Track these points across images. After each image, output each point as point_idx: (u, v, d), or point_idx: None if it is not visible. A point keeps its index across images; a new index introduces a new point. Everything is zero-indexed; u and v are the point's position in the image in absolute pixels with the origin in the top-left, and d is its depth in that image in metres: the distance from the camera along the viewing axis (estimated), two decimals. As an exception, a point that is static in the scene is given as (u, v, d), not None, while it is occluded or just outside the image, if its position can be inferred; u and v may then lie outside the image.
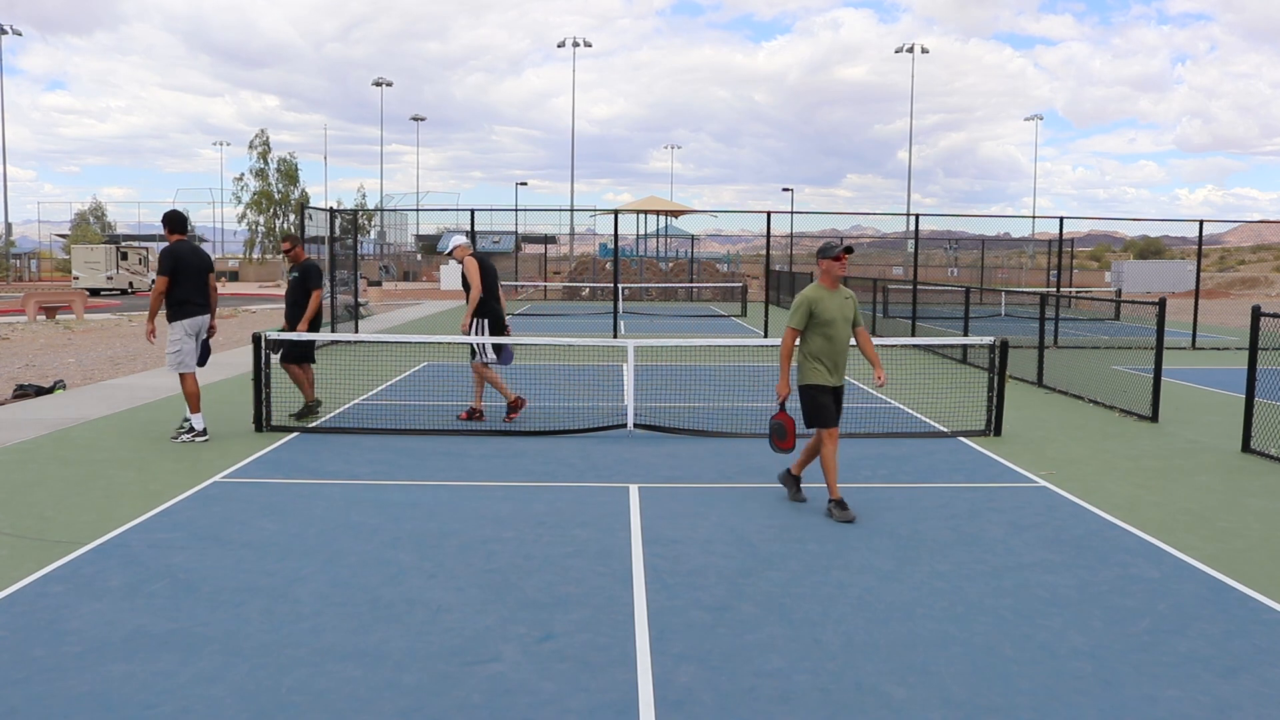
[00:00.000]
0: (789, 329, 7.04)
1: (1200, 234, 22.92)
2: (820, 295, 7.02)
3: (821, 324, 6.97)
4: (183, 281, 9.23)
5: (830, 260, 7.02)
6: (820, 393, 7.03)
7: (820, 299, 7.00)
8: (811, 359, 7.03)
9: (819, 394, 7.03)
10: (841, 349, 7.06)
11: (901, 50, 72.29)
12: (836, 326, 6.99)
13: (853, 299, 7.18)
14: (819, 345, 7.00)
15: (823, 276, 7.09)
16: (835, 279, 7.07)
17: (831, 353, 7.01)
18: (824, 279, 7.08)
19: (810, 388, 7.05)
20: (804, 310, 6.98)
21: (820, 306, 6.98)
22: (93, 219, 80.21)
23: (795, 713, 4.06)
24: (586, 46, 69.24)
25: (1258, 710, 4.11)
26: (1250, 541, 6.55)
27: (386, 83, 76.98)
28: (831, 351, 7.01)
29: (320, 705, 4.07)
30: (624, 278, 40.78)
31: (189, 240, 9.54)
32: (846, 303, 7.10)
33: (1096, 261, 77.09)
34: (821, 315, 6.96)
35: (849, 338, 7.14)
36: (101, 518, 6.77)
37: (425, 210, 78.35)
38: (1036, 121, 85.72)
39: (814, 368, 7.02)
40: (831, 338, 6.99)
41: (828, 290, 7.05)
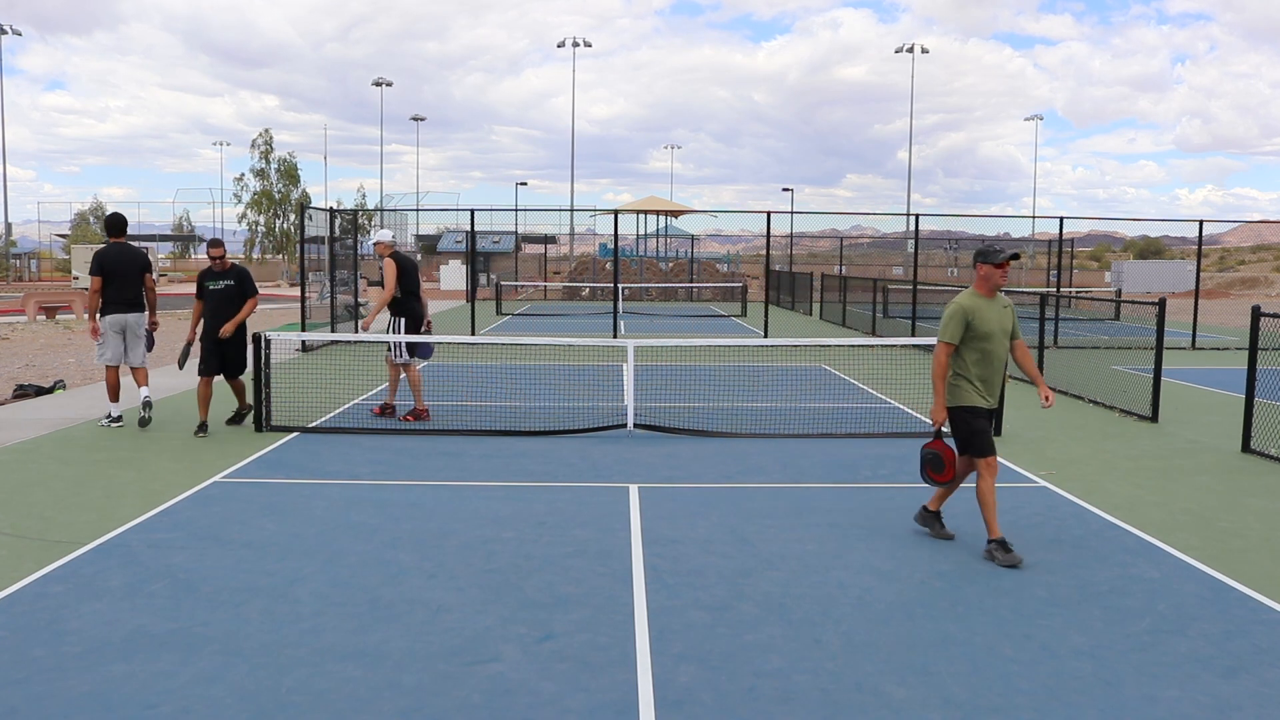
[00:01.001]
0: (942, 344, 6.19)
1: (1200, 234, 22.91)
2: (977, 305, 6.18)
3: (978, 337, 6.14)
4: (110, 282, 9.88)
5: (991, 266, 6.14)
6: (976, 416, 6.21)
7: (977, 309, 6.15)
8: (965, 377, 6.20)
9: (974, 417, 6.20)
10: (999, 366, 6.25)
11: (901, 50, 72.27)
12: (995, 340, 6.17)
13: (1011, 308, 6.36)
14: (974, 361, 6.17)
15: (979, 283, 6.23)
16: (995, 287, 6.21)
17: (988, 370, 6.20)
18: (980, 285, 6.23)
19: (963, 410, 6.21)
20: (959, 321, 6.14)
21: (978, 317, 6.13)
22: (93, 219, 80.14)
23: (795, 713, 4.06)
24: (586, 46, 69.23)
25: (1258, 710, 4.11)
26: (1250, 541, 6.55)
27: (386, 83, 76.98)
28: (988, 369, 6.20)
29: (320, 705, 4.07)
30: (624, 278, 40.79)
31: (123, 243, 10.14)
32: (1005, 313, 6.27)
33: (1096, 261, 77.06)
34: (979, 327, 6.12)
35: (1007, 352, 6.33)
36: (101, 518, 6.77)
37: (425, 210, 78.35)
38: (1036, 121, 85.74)
39: (968, 387, 6.19)
40: (989, 353, 6.17)
41: (985, 299, 6.21)
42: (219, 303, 10.13)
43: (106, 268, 9.78)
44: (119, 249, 9.99)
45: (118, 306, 9.90)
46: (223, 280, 10.13)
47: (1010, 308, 6.35)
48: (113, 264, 9.82)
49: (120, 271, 9.85)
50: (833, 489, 7.93)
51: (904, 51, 72.07)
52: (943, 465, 6.41)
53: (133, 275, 9.95)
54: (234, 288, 10.12)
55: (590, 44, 76.42)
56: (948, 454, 6.39)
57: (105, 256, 9.84)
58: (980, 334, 6.14)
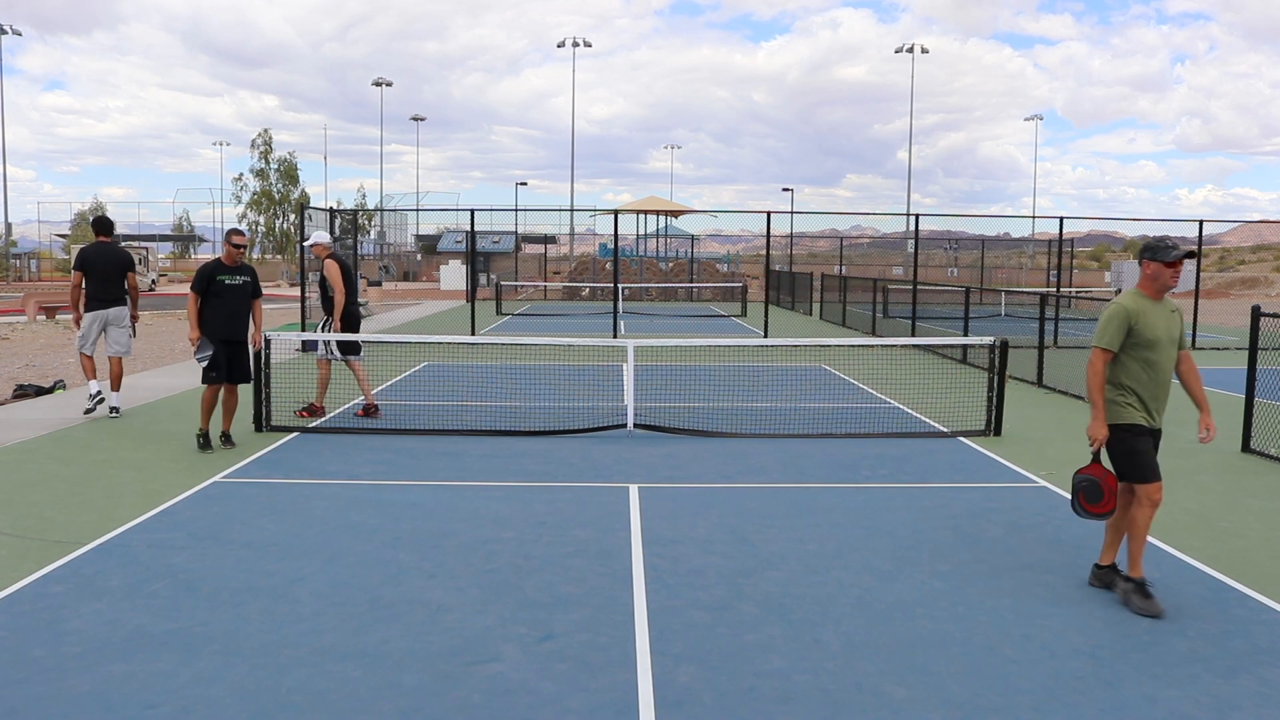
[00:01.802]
0: (1099, 350, 5.38)
1: (1200, 234, 22.92)
2: (1142, 307, 5.36)
3: (1142, 345, 5.33)
4: (91, 279, 10.45)
5: (1160, 265, 5.34)
6: (1137, 436, 5.37)
7: (1142, 311, 5.34)
8: (1124, 391, 5.40)
9: (1135, 438, 5.37)
10: (1165, 378, 5.43)
11: (901, 50, 72.27)
12: (1161, 349, 5.35)
13: (1180, 314, 5.54)
14: (1136, 373, 5.37)
15: (1145, 282, 5.43)
16: (1163, 288, 5.40)
17: (1153, 383, 5.38)
18: (1146, 285, 5.42)
19: (1123, 429, 5.38)
20: (1120, 325, 5.32)
21: (1143, 321, 5.32)
22: (93, 219, 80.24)
23: (795, 713, 4.06)
24: (586, 46, 69.23)
25: (1258, 710, 4.11)
26: (1250, 541, 6.55)
27: (386, 83, 76.98)
28: (1153, 382, 5.38)
29: (320, 705, 4.07)
30: (624, 278, 40.79)
31: (107, 242, 10.66)
32: (1174, 318, 5.47)
33: (1096, 261, 77.07)
34: (1144, 333, 5.31)
35: (1174, 364, 5.51)
36: (101, 518, 6.77)
37: (425, 210, 78.35)
38: (1036, 121, 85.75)
39: (1127, 403, 5.39)
40: (1154, 364, 5.35)
41: (1151, 300, 5.40)
42: (236, 300, 9.19)
43: (87, 264, 10.39)
44: (101, 247, 10.52)
45: (98, 303, 10.45)
46: (239, 276, 9.22)
47: (1179, 312, 5.54)
48: (93, 261, 10.40)
49: (101, 268, 10.40)
50: (833, 489, 7.93)
51: (904, 51, 72.09)
52: (1100, 494, 5.45)
53: (113, 273, 10.48)
54: (250, 285, 9.31)
55: (590, 44, 76.40)
56: (1109, 480, 5.44)
57: (86, 254, 10.48)
58: (1145, 341, 5.32)
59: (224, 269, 9.13)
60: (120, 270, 10.55)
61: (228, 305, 9.12)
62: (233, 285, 9.14)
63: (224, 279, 9.10)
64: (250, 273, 9.36)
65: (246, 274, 9.28)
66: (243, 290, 9.22)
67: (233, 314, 9.16)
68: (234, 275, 9.17)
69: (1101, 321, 5.40)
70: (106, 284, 10.44)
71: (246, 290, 9.26)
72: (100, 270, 10.41)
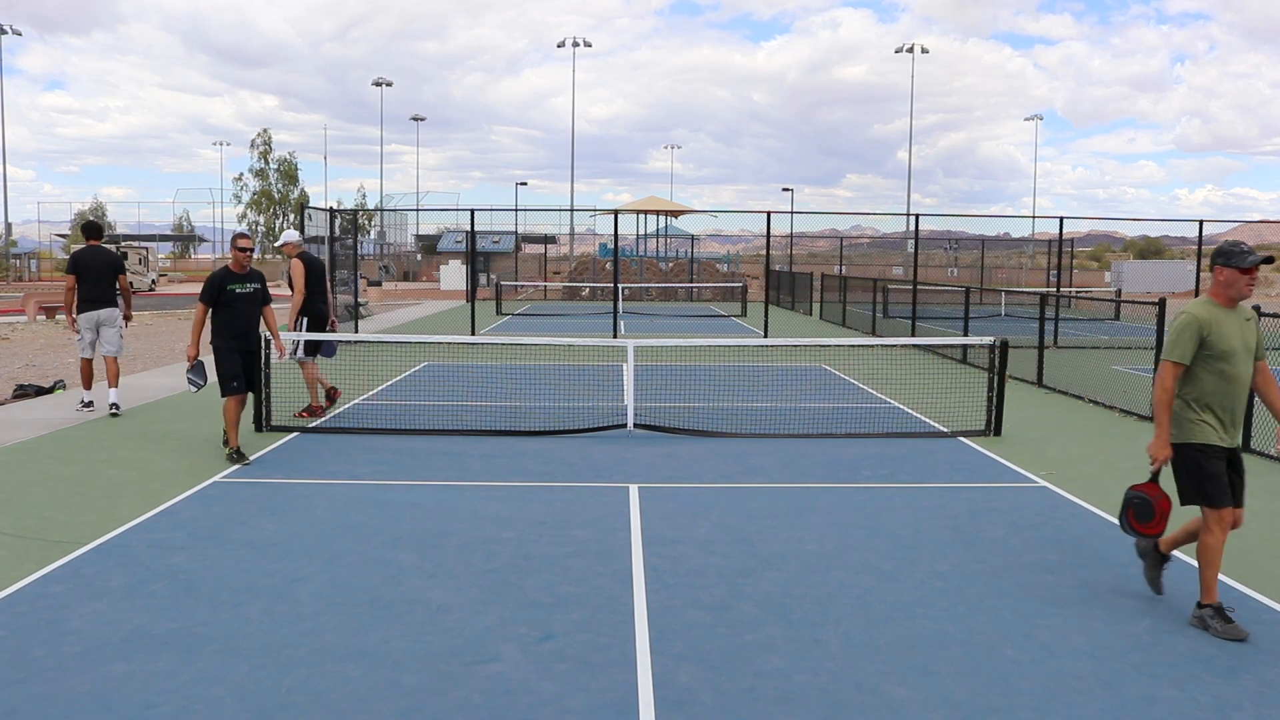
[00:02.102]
0: (1169, 364, 5.06)
1: (1200, 234, 22.93)
2: (1215, 316, 5.04)
3: (1216, 356, 5.01)
4: (84, 281, 10.70)
5: (1235, 271, 5.02)
6: (1209, 456, 5.08)
7: (1215, 321, 5.03)
8: (1197, 407, 5.08)
9: (1207, 457, 5.08)
10: (1241, 392, 5.11)
11: (901, 50, 72.25)
12: (1236, 360, 5.03)
13: (1255, 322, 5.22)
14: (1210, 386, 5.05)
15: (1217, 289, 5.12)
16: (1238, 296, 5.08)
17: (1227, 397, 5.07)
18: (1218, 293, 5.11)
19: (1193, 448, 5.08)
20: (1192, 336, 5.01)
21: (1216, 332, 5.00)
22: (93, 219, 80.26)
23: (795, 713, 4.06)
24: (586, 46, 69.21)
25: (1258, 710, 4.12)
26: (1250, 541, 6.55)
27: (386, 83, 76.97)
28: (1228, 395, 5.07)
29: (320, 705, 4.07)
30: (624, 278, 40.79)
31: (98, 246, 11.01)
32: (1249, 326, 5.14)
33: (1096, 261, 77.09)
34: (1217, 344, 5.00)
35: (1250, 376, 5.17)
36: (101, 518, 6.77)
37: (425, 210, 78.37)
38: (1036, 121, 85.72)
39: (1199, 420, 5.07)
40: (1229, 376, 5.04)
41: (1224, 309, 5.08)
42: (248, 309, 8.91)
43: (80, 268, 10.71)
44: (93, 251, 10.87)
45: (90, 304, 10.76)
46: (249, 283, 8.85)
47: (1255, 321, 5.21)
48: (86, 265, 10.72)
49: (94, 271, 10.72)
50: (833, 489, 7.93)
51: (904, 51, 72.07)
52: (1152, 514, 5.25)
53: (105, 275, 10.80)
54: (260, 291, 8.98)
55: (590, 44, 76.36)
56: (1163, 502, 5.25)
57: (80, 259, 10.82)
58: (1218, 352, 5.00)
59: (233, 277, 8.76)
60: (112, 272, 10.87)
61: (240, 315, 8.81)
62: (243, 294, 8.79)
63: (234, 288, 8.74)
64: (260, 279, 8.99)
65: (256, 280, 8.90)
66: (253, 298, 8.88)
67: (246, 323, 8.87)
68: (244, 283, 8.81)
69: (1172, 333, 5.09)
70: (99, 286, 10.75)
71: (257, 298, 8.92)
72: (93, 273, 10.72)
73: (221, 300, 8.69)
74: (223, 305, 8.70)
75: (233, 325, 8.73)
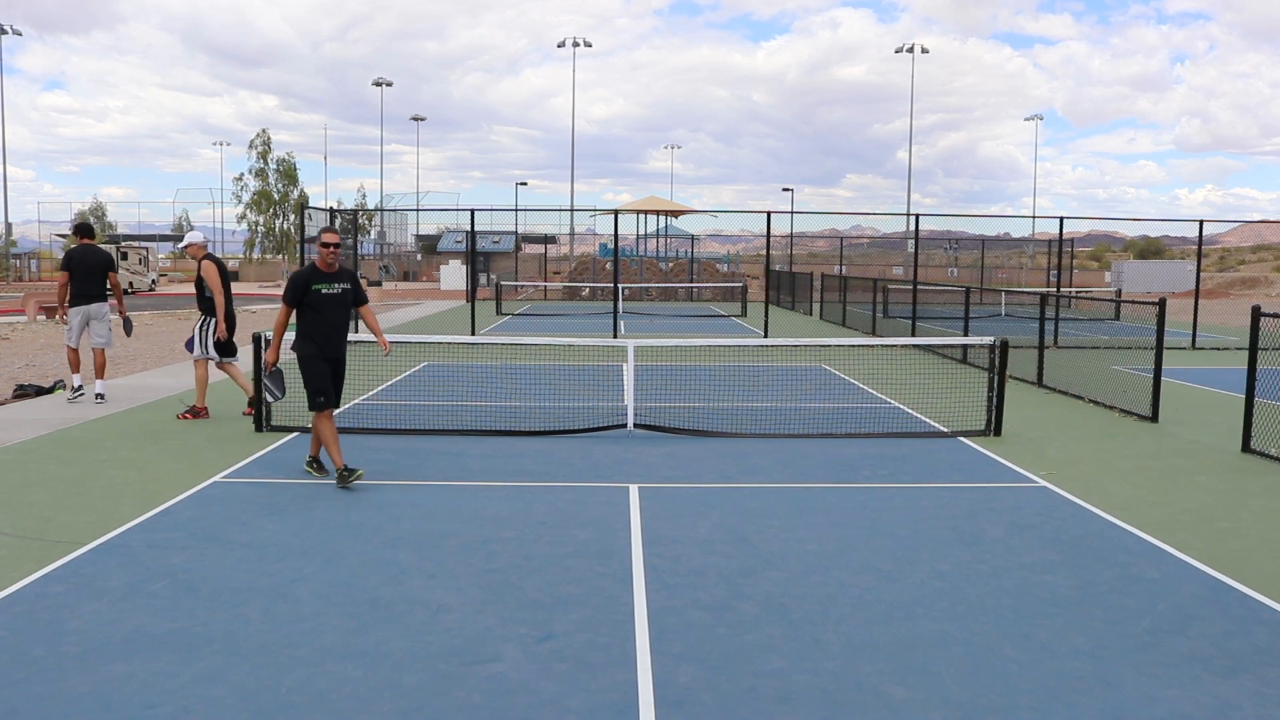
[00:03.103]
0: None
1: (1200, 234, 22.92)
2: None
3: None
4: (76, 277, 11.23)
5: None
6: None
7: None
8: None
9: None
10: None
11: (901, 50, 72.23)
12: None
13: None
14: None
15: None
16: None
17: None
18: None
19: None
20: None
21: None
22: (93, 219, 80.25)
23: (795, 713, 4.06)
24: (586, 46, 69.19)
25: (1258, 710, 4.11)
26: (1250, 541, 6.55)
27: (386, 83, 76.96)
28: None
29: (320, 705, 4.07)
30: (624, 278, 40.79)
31: (90, 244, 11.53)
32: None
33: (1096, 261, 77.10)
34: None
35: None
36: (101, 518, 6.77)
37: (425, 210, 78.38)
38: (1036, 121, 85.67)
39: None
40: None
41: None
42: (336, 312, 7.88)
43: (73, 265, 11.27)
44: (85, 249, 11.40)
45: (82, 299, 11.28)
46: (337, 283, 7.85)
47: None
48: (79, 262, 11.26)
49: (85, 268, 11.25)
50: (833, 489, 7.93)
51: (904, 51, 72.05)
52: None
53: (96, 272, 11.35)
54: (350, 293, 7.99)
55: (590, 44, 76.32)
56: None
57: (73, 256, 11.37)
58: None
59: (320, 276, 7.77)
60: (102, 269, 11.41)
61: (328, 319, 7.81)
62: (330, 295, 7.81)
63: (321, 288, 7.76)
64: (350, 278, 8.02)
65: (345, 280, 7.92)
66: (342, 300, 7.89)
67: (335, 328, 7.87)
68: (332, 283, 7.82)
69: None
70: (90, 282, 11.27)
71: (346, 300, 7.93)
72: (85, 269, 11.24)
73: (306, 302, 7.76)
74: (308, 308, 7.77)
75: (319, 330, 7.78)
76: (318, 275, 7.79)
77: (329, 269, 7.82)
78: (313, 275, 7.79)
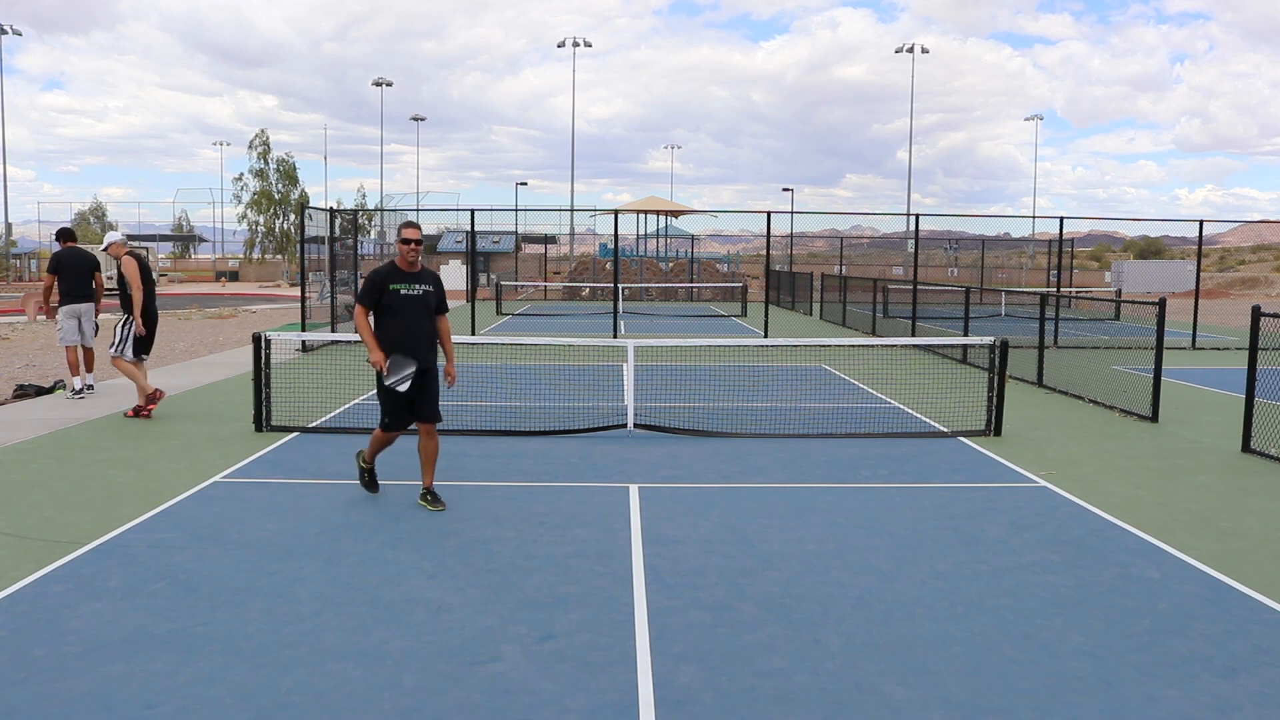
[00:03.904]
0: None
1: (1200, 234, 22.92)
2: None
3: None
4: (64, 278, 11.74)
5: None
6: None
7: None
8: None
9: None
10: None
11: (901, 50, 72.24)
12: None
13: None
14: None
15: None
16: None
17: None
18: None
19: None
20: None
21: None
22: (93, 219, 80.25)
23: (795, 713, 4.06)
24: (586, 46, 69.19)
25: (1258, 710, 4.11)
26: (1250, 541, 6.55)
27: (386, 83, 76.97)
28: None
29: (320, 705, 4.07)
30: (624, 278, 40.80)
31: (74, 247, 12.00)
32: None
33: (1096, 261, 77.11)
34: None
35: None
36: (101, 518, 6.77)
37: (425, 210, 78.33)
38: (1036, 121, 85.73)
39: None
40: None
41: None
42: (416, 316, 7.11)
43: (61, 268, 11.78)
44: (72, 252, 11.93)
45: (71, 298, 11.74)
46: (418, 284, 7.11)
47: None
48: (66, 264, 11.80)
49: (72, 270, 11.77)
50: (833, 489, 7.93)
51: (904, 51, 72.06)
52: None
53: (83, 274, 11.84)
54: (432, 296, 7.21)
55: (590, 44, 76.29)
56: None
57: (60, 258, 11.86)
58: None
59: (399, 275, 7.08)
60: (89, 271, 11.90)
61: (407, 323, 7.05)
62: (410, 296, 7.06)
63: (400, 289, 7.05)
64: (432, 280, 7.24)
65: (428, 281, 7.17)
66: (423, 302, 7.12)
67: (414, 333, 7.07)
68: (412, 284, 7.08)
69: None
70: (77, 282, 11.77)
71: (429, 303, 7.16)
72: (72, 271, 11.75)
73: (384, 304, 7.05)
74: (385, 311, 7.06)
75: (396, 336, 7.03)
76: (397, 274, 7.06)
77: (410, 268, 7.09)
78: (391, 274, 7.06)
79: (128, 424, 10.36)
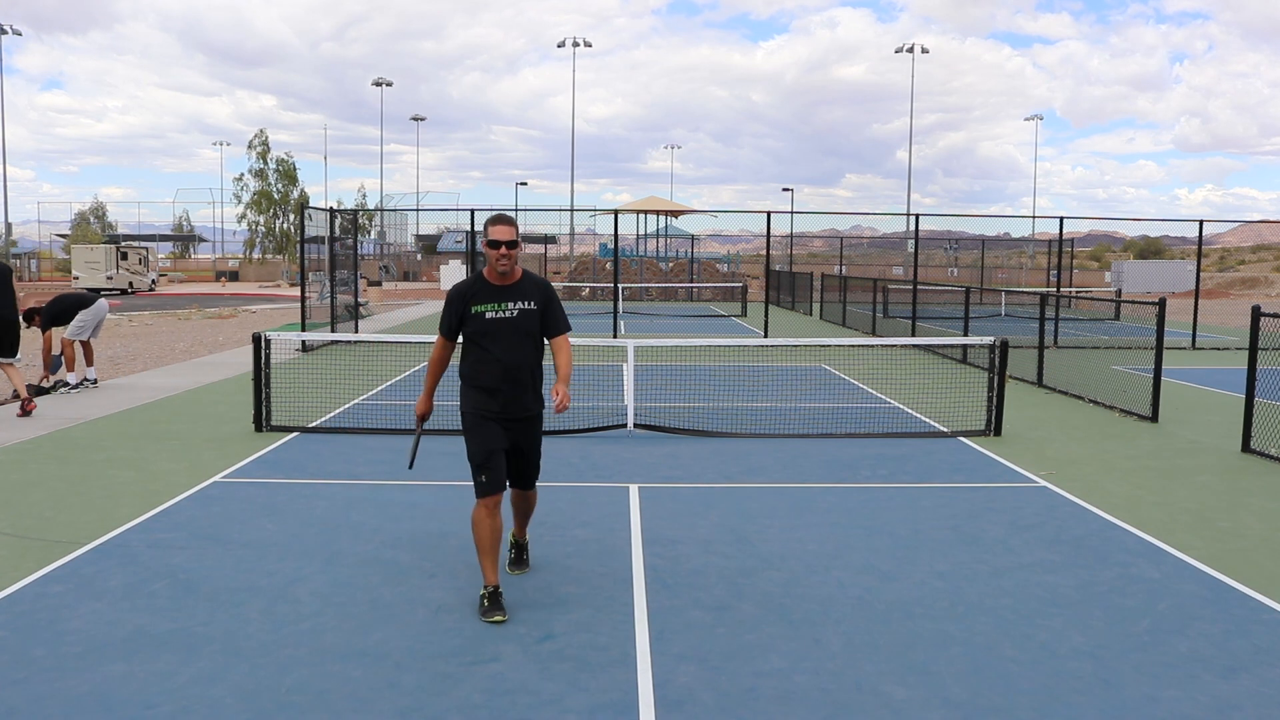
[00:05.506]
0: None
1: (1200, 234, 22.93)
2: None
3: None
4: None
5: None
6: None
7: None
8: None
9: None
10: None
11: (901, 50, 72.21)
12: None
13: None
14: None
15: None
16: None
17: None
18: None
19: None
20: None
21: None
22: (93, 219, 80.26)
23: (795, 713, 4.06)
24: (586, 46, 69.16)
25: (1258, 710, 4.11)
26: (1250, 541, 6.55)
27: (386, 82, 76.96)
28: None
29: (320, 705, 4.07)
30: (624, 278, 40.78)
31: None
32: None
33: (1096, 261, 77.14)
34: None
35: None
36: (101, 518, 6.77)
37: (425, 210, 78.36)
38: (1036, 121, 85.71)
39: None
40: None
41: None
42: (513, 347, 5.22)
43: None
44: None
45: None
46: (513, 303, 5.18)
47: None
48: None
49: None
50: (833, 489, 7.93)
51: (903, 51, 72.04)
52: None
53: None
54: (535, 316, 5.23)
55: (590, 44, 76.26)
56: None
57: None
58: None
59: (485, 290, 5.19)
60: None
61: (496, 356, 5.22)
62: (499, 320, 5.16)
63: (484, 310, 5.16)
64: (537, 292, 5.25)
65: (529, 296, 5.21)
66: (518, 326, 5.19)
67: (510, 370, 5.25)
68: (502, 302, 5.16)
69: None
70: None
71: (528, 325, 5.22)
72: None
73: (467, 333, 5.29)
74: (470, 339, 5.30)
75: (484, 374, 5.32)
76: (482, 290, 5.18)
77: (501, 280, 5.18)
78: (475, 289, 5.19)
79: (128, 424, 10.36)
